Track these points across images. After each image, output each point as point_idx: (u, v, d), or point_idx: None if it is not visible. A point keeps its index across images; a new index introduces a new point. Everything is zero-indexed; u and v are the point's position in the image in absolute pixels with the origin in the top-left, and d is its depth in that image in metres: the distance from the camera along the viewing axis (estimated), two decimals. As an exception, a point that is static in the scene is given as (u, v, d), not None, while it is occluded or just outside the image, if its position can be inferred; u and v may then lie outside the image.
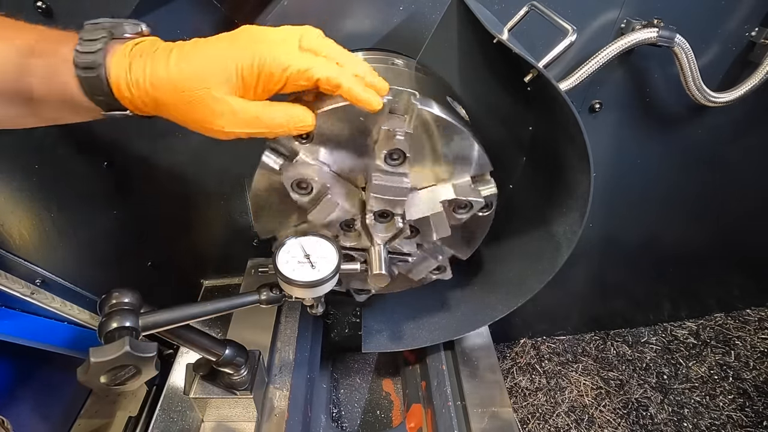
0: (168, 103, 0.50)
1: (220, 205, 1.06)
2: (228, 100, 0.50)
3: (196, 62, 0.49)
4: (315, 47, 0.53)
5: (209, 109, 0.50)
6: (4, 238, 1.05)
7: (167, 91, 0.49)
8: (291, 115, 0.54)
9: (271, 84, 0.51)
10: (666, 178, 1.18)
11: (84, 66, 0.48)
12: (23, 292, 1.10)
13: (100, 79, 0.48)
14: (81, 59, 0.48)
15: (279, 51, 0.50)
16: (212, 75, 0.49)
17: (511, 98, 0.75)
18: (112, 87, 0.49)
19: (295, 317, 1.02)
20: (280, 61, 0.49)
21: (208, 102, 0.49)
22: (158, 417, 0.86)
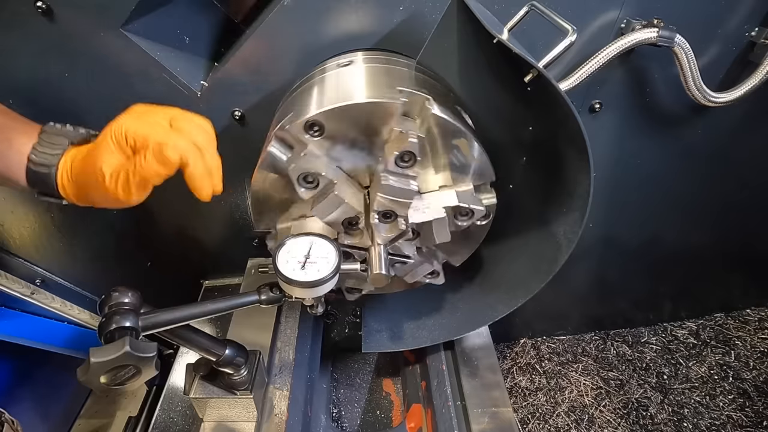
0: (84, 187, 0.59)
1: (220, 205, 1.06)
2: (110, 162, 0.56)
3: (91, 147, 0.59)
4: (184, 126, 0.58)
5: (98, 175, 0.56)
6: (4, 238, 1.05)
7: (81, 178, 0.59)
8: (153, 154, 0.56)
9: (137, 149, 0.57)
10: (666, 178, 1.18)
11: (39, 163, 0.58)
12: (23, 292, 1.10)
13: (50, 176, 0.59)
14: (38, 158, 0.58)
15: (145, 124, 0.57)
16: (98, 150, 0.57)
17: (511, 98, 0.75)
18: (57, 184, 0.59)
19: (295, 317, 1.02)
20: (142, 133, 0.56)
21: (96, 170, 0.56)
22: (158, 417, 0.86)
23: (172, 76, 0.84)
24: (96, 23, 0.78)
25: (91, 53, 0.81)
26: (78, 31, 0.79)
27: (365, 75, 0.74)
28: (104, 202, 0.60)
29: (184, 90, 0.85)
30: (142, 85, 0.85)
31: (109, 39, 0.79)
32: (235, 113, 0.89)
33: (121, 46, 0.79)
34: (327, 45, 0.82)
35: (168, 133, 0.57)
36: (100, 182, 0.56)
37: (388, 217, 0.70)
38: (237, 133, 0.92)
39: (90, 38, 0.79)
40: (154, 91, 0.85)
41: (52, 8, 0.75)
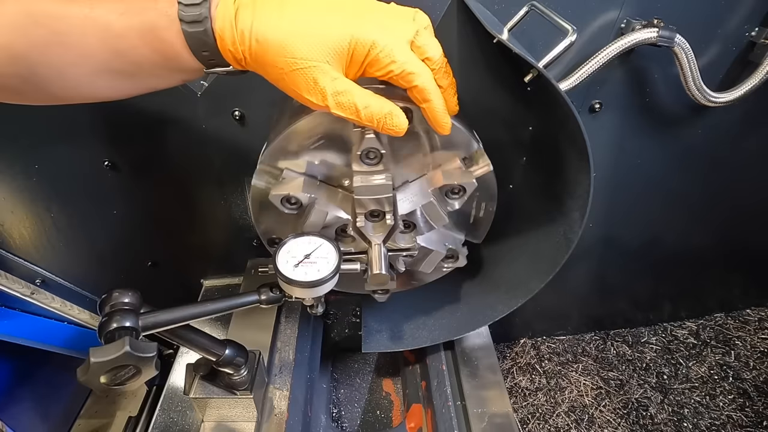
0: (271, 63, 0.47)
1: (220, 205, 1.06)
2: (335, 79, 0.47)
3: (308, 27, 0.45)
4: (424, 50, 0.51)
5: (314, 84, 0.47)
6: (4, 238, 1.05)
7: (272, 52, 0.45)
8: (387, 112, 0.51)
9: (373, 69, 0.49)
10: (666, 178, 1.18)
11: (190, 20, 0.44)
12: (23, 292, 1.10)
13: (207, 33, 0.45)
14: (187, 13, 0.44)
15: (394, 41, 0.47)
16: (324, 48, 0.45)
17: (511, 98, 0.75)
18: (216, 40, 0.46)
19: (295, 317, 1.02)
20: (391, 53, 0.47)
21: (314, 76, 0.46)
22: (158, 417, 0.86)
23: (172, 76, 0.84)
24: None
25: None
26: (78, 31, 0.79)
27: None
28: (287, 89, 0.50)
29: (184, 90, 0.85)
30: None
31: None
32: (235, 113, 0.89)
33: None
34: (327, 45, 0.82)
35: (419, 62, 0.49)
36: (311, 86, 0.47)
37: (376, 216, 0.70)
38: (237, 133, 0.92)
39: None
40: (154, 91, 0.85)
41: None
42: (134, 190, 1.02)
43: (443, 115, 0.54)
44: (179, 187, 1.02)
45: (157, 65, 0.48)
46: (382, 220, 0.70)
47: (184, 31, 0.45)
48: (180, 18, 0.44)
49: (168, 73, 0.50)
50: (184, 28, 0.45)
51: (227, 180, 1.01)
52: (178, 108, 0.88)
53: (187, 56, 0.47)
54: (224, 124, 0.90)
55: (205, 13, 0.44)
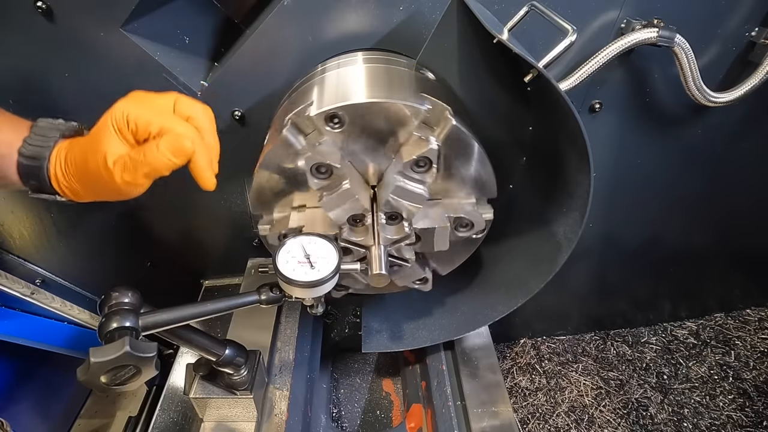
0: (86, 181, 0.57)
1: (220, 205, 1.06)
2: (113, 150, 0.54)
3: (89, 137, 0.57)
4: (185, 112, 0.58)
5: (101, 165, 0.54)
6: (4, 238, 1.05)
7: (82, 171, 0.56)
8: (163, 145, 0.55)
9: (140, 137, 0.55)
10: (666, 178, 1.18)
11: (30, 156, 0.56)
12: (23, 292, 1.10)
13: (42, 169, 0.56)
14: (29, 151, 0.56)
15: (147, 109, 0.56)
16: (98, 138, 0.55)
17: (511, 98, 0.75)
18: (50, 177, 0.57)
19: (295, 317, 1.02)
20: (145, 117, 0.54)
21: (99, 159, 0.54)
22: (158, 417, 0.86)
23: (172, 76, 0.84)
24: (96, 23, 0.78)
25: (91, 53, 0.81)
26: (78, 32, 0.79)
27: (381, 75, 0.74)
28: (104, 195, 0.58)
29: (184, 90, 0.85)
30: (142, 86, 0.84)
31: (109, 39, 0.79)
32: (235, 113, 0.89)
33: (121, 46, 0.79)
34: (327, 45, 0.82)
35: (178, 120, 0.56)
36: (102, 172, 0.54)
37: (393, 219, 0.70)
38: (237, 133, 0.92)
39: (90, 38, 0.79)
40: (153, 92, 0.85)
41: (52, 8, 0.75)
42: (134, 190, 1.02)
43: (205, 168, 0.58)
44: (179, 187, 1.02)
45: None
46: (398, 225, 0.71)
47: (21, 163, 0.56)
48: (20, 153, 0.56)
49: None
50: (21, 161, 0.56)
51: (227, 180, 1.01)
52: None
53: (14, 179, 0.57)
54: (224, 124, 0.90)
55: (45, 154, 0.56)
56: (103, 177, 0.55)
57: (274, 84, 0.86)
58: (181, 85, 0.85)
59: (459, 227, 0.74)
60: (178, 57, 0.85)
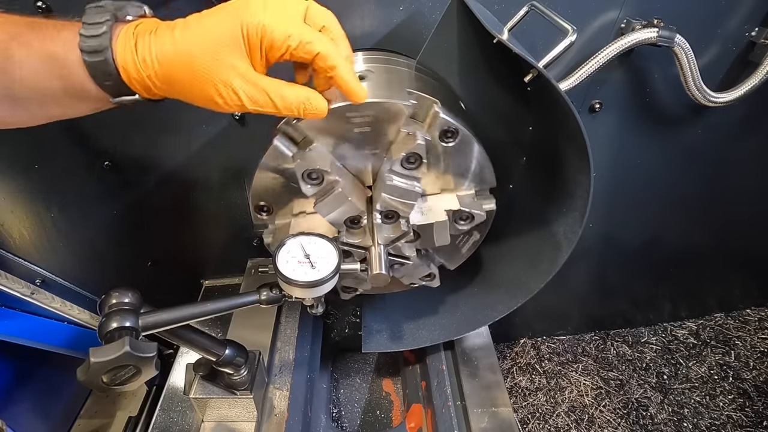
0: (178, 80, 0.48)
1: (220, 205, 1.06)
2: (242, 75, 0.48)
3: (201, 32, 0.47)
4: (319, 22, 0.52)
5: (222, 84, 0.48)
6: (4, 238, 1.05)
7: (176, 67, 0.47)
8: (304, 98, 0.52)
9: (273, 51, 0.49)
10: (666, 178, 1.18)
11: (90, 50, 0.46)
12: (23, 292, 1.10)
13: (108, 62, 0.46)
14: (87, 44, 0.46)
15: (283, 19, 0.48)
16: (219, 42, 0.46)
17: (511, 98, 0.75)
18: (119, 70, 0.47)
19: (295, 317, 1.02)
20: (283, 29, 0.47)
21: (220, 75, 0.47)
22: (158, 417, 0.86)
23: (172, 76, 0.84)
24: (96, 23, 0.78)
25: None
26: (78, 31, 0.79)
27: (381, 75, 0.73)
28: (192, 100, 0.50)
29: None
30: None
31: (109, 39, 0.79)
32: (235, 113, 0.89)
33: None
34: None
35: (317, 35, 0.49)
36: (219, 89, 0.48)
37: (390, 218, 0.70)
38: (237, 133, 0.92)
39: (90, 38, 0.79)
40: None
41: (51, 8, 0.75)
42: (134, 190, 1.02)
43: (354, 81, 0.54)
44: (179, 187, 1.02)
45: (61, 93, 0.49)
46: (395, 224, 0.71)
47: (86, 61, 0.46)
48: (81, 48, 0.46)
49: (73, 102, 0.50)
50: (85, 58, 0.46)
51: (227, 180, 1.01)
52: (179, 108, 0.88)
53: (91, 86, 0.48)
54: (224, 124, 0.90)
55: (105, 44, 0.46)
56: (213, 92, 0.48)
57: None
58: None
59: (459, 220, 0.73)
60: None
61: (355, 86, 0.54)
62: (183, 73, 0.47)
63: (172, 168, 0.98)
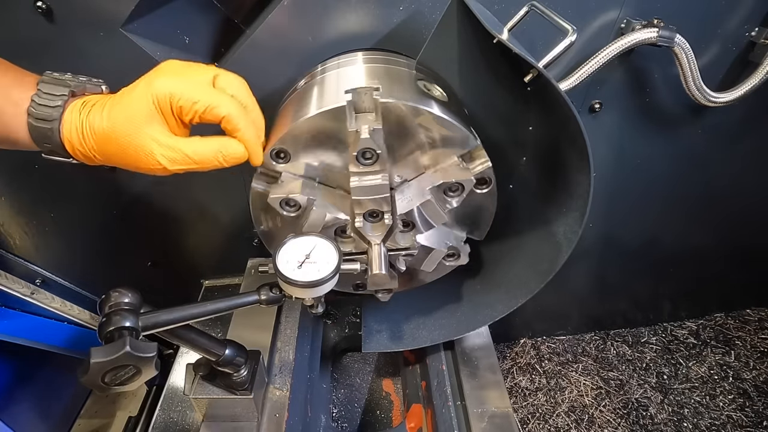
0: (111, 152, 0.54)
1: (220, 205, 1.06)
2: (159, 142, 0.53)
3: (122, 109, 0.52)
4: (228, 89, 0.56)
5: (144, 153, 0.53)
6: (4, 238, 1.05)
7: (107, 143, 0.53)
8: (217, 149, 0.56)
9: (184, 116, 0.53)
10: (666, 178, 1.18)
11: (39, 117, 0.52)
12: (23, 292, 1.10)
13: (53, 131, 0.52)
14: (37, 111, 0.52)
15: (190, 86, 0.53)
16: (136, 116, 0.52)
17: (511, 98, 0.75)
18: (63, 141, 0.53)
19: (295, 317, 1.02)
20: (189, 96, 0.52)
21: (141, 146, 0.52)
22: (158, 417, 0.86)
23: (172, 76, 0.84)
24: (96, 23, 0.78)
25: (91, 54, 0.81)
26: (78, 32, 0.79)
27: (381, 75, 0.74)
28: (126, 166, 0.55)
29: (184, 90, 0.85)
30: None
31: (109, 39, 0.79)
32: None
33: (121, 46, 0.79)
34: (327, 45, 0.82)
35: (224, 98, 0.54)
36: (139, 155, 0.52)
37: (375, 216, 0.70)
38: (237, 133, 0.92)
39: (90, 38, 0.79)
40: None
41: (52, 8, 0.75)
42: (134, 190, 1.02)
43: (255, 144, 0.58)
44: (179, 187, 1.02)
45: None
46: (380, 221, 0.70)
47: (31, 124, 0.52)
48: (29, 113, 0.52)
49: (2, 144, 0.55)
50: (32, 123, 0.52)
51: (227, 180, 1.01)
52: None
53: (27, 142, 0.54)
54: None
55: (55, 116, 0.52)
56: (138, 159, 0.53)
57: (274, 84, 0.86)
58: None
59: (449, 192, 0.70)
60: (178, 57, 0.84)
61: (253, 151, 0.59)
62: (112, 147, 0.53)
63: (172, 168, 0.98)
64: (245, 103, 0.57)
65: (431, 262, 0.78)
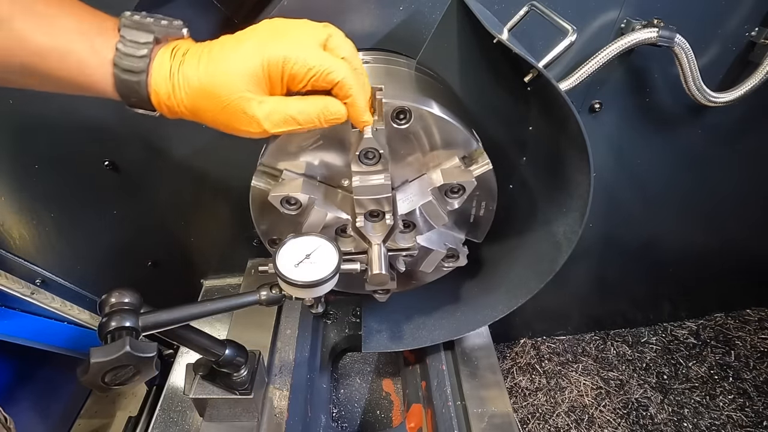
0: (203, 109, 0.50)
1: (220, 205, 1.06)
2: (261, 102, 0.49)
3: (224, 66, 0.48)
4: (340, 51, 0.53)
5: (243, 114, 0.49)
6: (4, 238, 1.05)
7: (201, 98, 0.49)
8: (322, 107, 0.53)
9: (295, 82, 0.50)
10: (666, 178, 1.18)
11: (126, 69, 0.47)
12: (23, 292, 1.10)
13: (141, 84, 0.48)
14: (123, 62, 0.47)
15: (304, 50, 0.49)
16: (241, 78, 0.48)
17: (511, 98, 0.75)
18: (150, 93, 0.49)
19: (295, 317, 1.02)
20: (305, 62, 0.49)
21: (242, 106, 0.49)
22: (158, 417, 0.86)
23: (172, 76, 0.84)
24: (96, 23, 0.78)
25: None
26: (78, 31, 0.79)
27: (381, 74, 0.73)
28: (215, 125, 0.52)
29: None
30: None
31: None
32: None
33: (121, 46, 0.79)
34: (327, 45, 0.82)
35: (337, 63, 0.51)
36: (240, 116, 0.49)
37: (375, 216, 0.70)
38: (237, 133, 0.92)
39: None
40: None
41: (52, 8, 0.75)
42: (134, 190, 1.02)
43: (364, 111, 0.55)
44: (179, 187, 1.02)
45: (71, 88, 0.49)
46: (381, 220, 0.70)
47: (117, 76, 0.47)
48: (115, 63, 0.47)
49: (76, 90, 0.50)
50: (118, 74, 0.47)
51: (227, 179, 1.01)
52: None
53: (111, 94, 0.49)
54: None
55: (143, 67, 0.47)
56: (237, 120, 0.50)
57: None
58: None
59: (450, 194, 0.70)
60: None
61: (364, 117, 0.56)
62: (207, 103, 0.49)
63: (172, 167, 0.98)
64: (355, 66, 0.54)
65: (430, 263, 0.78)
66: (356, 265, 0.71)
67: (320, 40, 0.52)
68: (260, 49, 0.48)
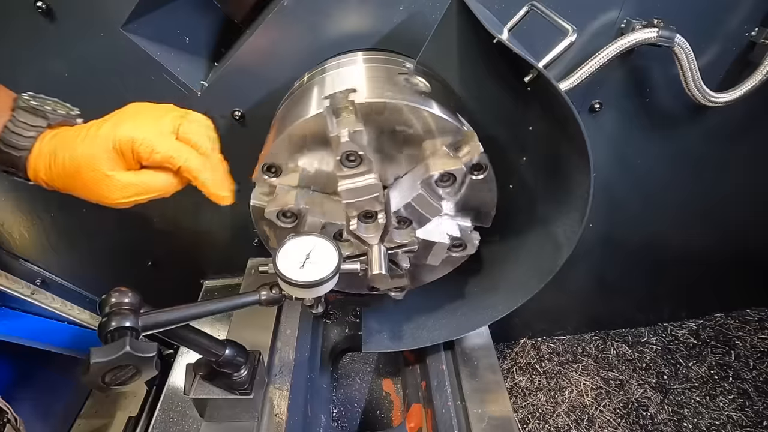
0: (71, 186, 0.57)
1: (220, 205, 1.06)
2: (117, 177, 0.56)
3: (86, 147, 0.55)
4: (187, 136, 0.58)
5: (104, 187, 0.56)
6: (4, 238, 1.05)
7: (69, 175, 0.55)
8: (169, 179, 0.59)
9: (142, 160, 0.56)
10: (666, 178, 1.18)
11: (10, 144, 0.54)
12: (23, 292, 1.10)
13: (21, 159, 0.55)
14: (9, 138, 0.54)
15: (150, 135, 0.55)
16: (97, 157, 0.54)
17: (511, 98, 0.75)
18: (28, 168, 0.56)
19: (295, 317, 1.02)
20: (149, 145, 0.55)
21: (100, 181, 0.55)
22: (158, 417, 0.86)
23: (172, 76, 0.84)
24: (96, 23, 0.78)
25: (92, 54, 0.81)
26: (78, 32, 0.79)
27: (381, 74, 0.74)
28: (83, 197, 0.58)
29: (184, 90, 0.85)
30: (142, 86, 0.85)
31: (109, 39, 0.79)
32: (235, 113, 0.89)
33: (121, 46, 0.80)
34: (327, 45, 0.82)
35: (182, 149, 0.57)
36: (96, 188, 0.55)
37: (370, 217, 0.70)
38: (237, 133, 0.92)
39: (90, 38, 0.79)
40: (154, 92, 0.85)
41: (52, 8, 0.76)
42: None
43: (217, 188, 0.62)
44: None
45: None
46: (373, 221, 0.70)
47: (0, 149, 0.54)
48: (1, 139, 0.54)
49: None
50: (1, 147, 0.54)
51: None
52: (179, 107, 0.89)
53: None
54: (224, 123, 0.90)
55: (27, 146, 0.55)
56: (95, 191, 0.56)
57: (274, 84, 0.86)
58: (181, 85, 0.85)
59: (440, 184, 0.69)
60: (178, 57, 0.85)
61: (217, 193, 0.62)
62: (73, 180, 0.56)
63: (172, 168, 0.98)
64: (205, 150, 0.59)
65: (436, 256, 0.78)
66: (356, 264, 0.71)
67: (172, 126, 0.58)
68: (113, 131, 0.55)
